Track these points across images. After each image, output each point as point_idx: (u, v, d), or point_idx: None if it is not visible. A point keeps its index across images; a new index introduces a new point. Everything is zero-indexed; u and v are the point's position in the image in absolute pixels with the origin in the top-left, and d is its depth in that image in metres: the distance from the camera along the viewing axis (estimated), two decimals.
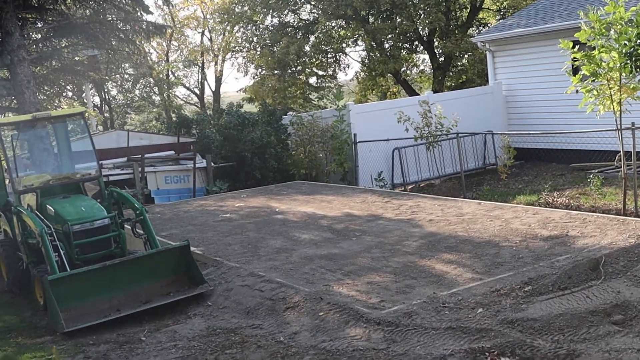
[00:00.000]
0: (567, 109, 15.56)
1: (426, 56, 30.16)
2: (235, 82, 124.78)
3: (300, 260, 8.92)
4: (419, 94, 26.43)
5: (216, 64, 35.69)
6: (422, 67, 32.94)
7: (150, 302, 8.26)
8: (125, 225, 9.68)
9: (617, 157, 11.57)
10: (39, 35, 18.36)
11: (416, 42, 28.59)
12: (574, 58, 10.70)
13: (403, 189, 16.28)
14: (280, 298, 7.61)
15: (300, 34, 28.54)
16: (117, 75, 33.93)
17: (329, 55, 29.02)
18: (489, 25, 28.58)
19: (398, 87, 31.48)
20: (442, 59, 27.96)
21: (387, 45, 27.61)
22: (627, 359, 5.36)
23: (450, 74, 28.14)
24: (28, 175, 9.87)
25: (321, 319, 6.92)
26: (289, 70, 28.21)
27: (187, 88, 37.85)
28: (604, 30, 10.15)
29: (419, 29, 27.19)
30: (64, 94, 30.69)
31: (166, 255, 8.85)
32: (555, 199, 12.80)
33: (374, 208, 12.01)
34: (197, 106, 36.62)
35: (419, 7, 25.91)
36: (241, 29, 31.61)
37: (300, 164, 17.18)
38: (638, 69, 10.06)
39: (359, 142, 16.48)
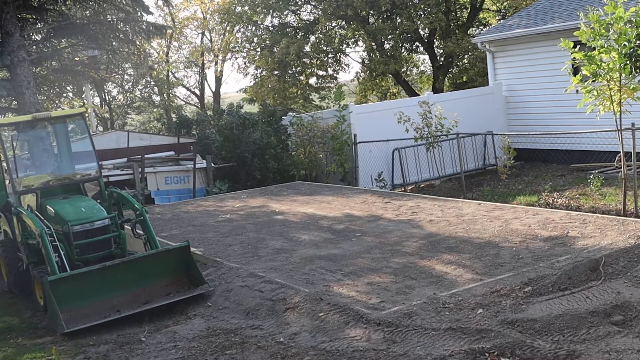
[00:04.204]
0: (568, 109, 15.55)
1: (426, 57, 30.19)
2: (236, 82, 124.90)
3: (300, 261, 8.92)
4: (419, 95, 26.44)
5: (216, 64, 35.69)
6: (422, 68, 32.98)
7: (150, 302, 8.25)
8: (126, 226, 9.68)
9: (617, 158, 11.58)
10: (39, 36, 18.37)
11: (416, 43, 28.60)
12: (574, 58, 10.70)
13: (403, 189, 16.28)
14: (280, 299, 7.61)
15: (301, 34, 28.55)
16: (117, 76, 33.93)
17: (329, 56, 29.03)
18: (489, 25, 28.59)
19: (398, 87, 31.49)
20: (442, 58, 27.98)
21: (387, 46, 27.63)
22: (627, 359, 5.36)
23: (451, 74, 28.15)
24: (28, 175, 9.86)
25: (321, 319, 6.92)
26: (289, 71, 28.21)
27: (188, 89, 37.87)
28: (603, 31, 10.15)
29: (420, 29, 27.20)
30: (64, 95, 30.71)
31: (166, 256, 8.85)
32: (555, 200, 12.80)
33: (374, 209, 12.01)
34: (197, 107, 36.61)
35: (420, 7, 25.92)
36: (241, 30, 31.63)
37: (301, 165, 17.18)
38: (638, 70, 10.06)
39: (359, 142, 16.47)
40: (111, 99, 36.87)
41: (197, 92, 37.57)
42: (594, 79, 10.55)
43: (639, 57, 9.98)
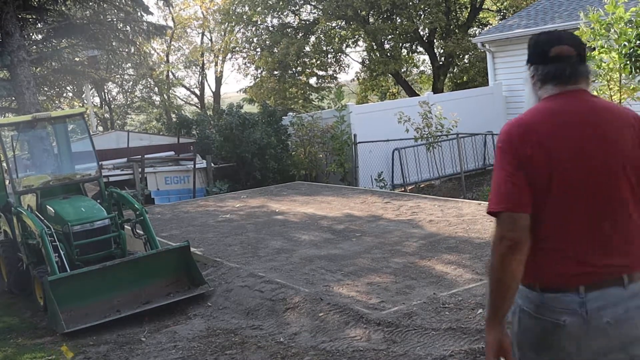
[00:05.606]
0: None
1: (426, 57, 30.20)
2: (236, 82, 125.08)
3: (300, 261, 8.91)
4: (419, 95, 26.46)
5: (216, 64, 35.69)
6: (422, 68, 33.00)
7: (150, 302, 8.25)
8: (126, 226, 9.68)
9: None
10: (39, 36, 18.39)
11: (416, 42, 28.62)
12: None
13: (403, 189, 16.29)
14: (280, 299, 7.60)
15: (301, 34, 28.56)
16: (117, 76, 33.95)
17: (329, 56, 29.04)
18: (489, 25, 28.60)
19: (398, 87, 31.51)
20: (442, 58, 27.99)
21: (387, 46, 27.64)
22: None
23: (451, 74, 28.16)
24: (28, 176, 9.86)
25: (321, 319, 6.91)
26: (289, 71, 28.23)
27: (188, 89, 37.87)
28: (603, 31, 10.15)
29: (420, 29, 27.22)
30: (64, 95, 30.74)
31: (166, 256, 8.84)
32: None
33: (374, 209, 12.01)
34: (197, 107, 36.61)
35: (420, 7, 25.94)
36: (241, 30, 31.63)
37: (301, 165, 17.18)
38: (638, 70, 10.06)
39: (359, 142, 16.47)
40: (111, 99, 36.88)
41: (197, 92, 37.57)
42: (594, 79, 10.55)
43: (639, 57, 9.98)
